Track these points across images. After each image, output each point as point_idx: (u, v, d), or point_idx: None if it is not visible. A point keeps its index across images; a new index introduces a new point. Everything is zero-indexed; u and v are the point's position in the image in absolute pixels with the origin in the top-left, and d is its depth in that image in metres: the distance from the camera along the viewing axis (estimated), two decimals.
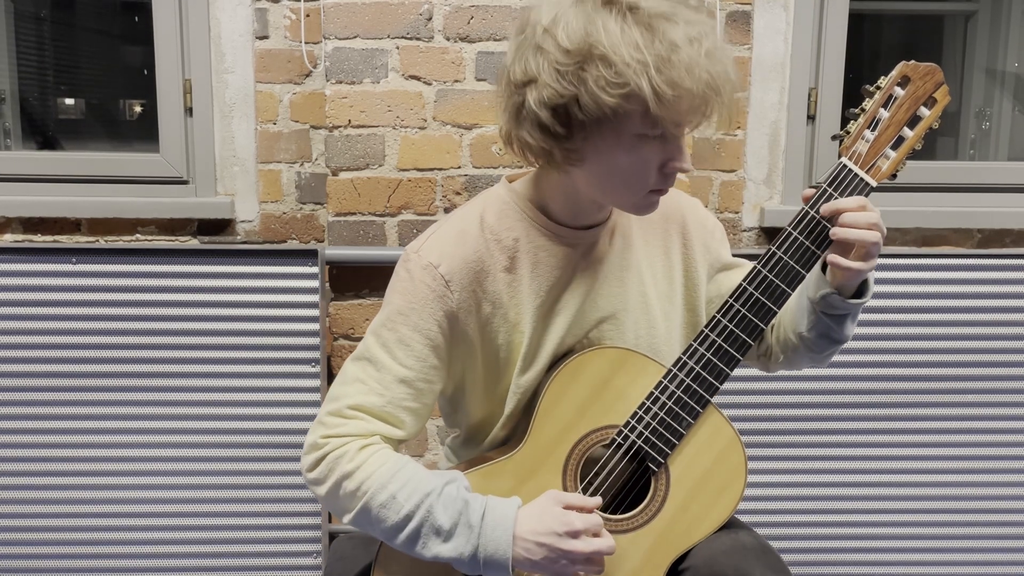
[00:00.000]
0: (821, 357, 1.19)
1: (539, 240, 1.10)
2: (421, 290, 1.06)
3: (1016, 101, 2.24)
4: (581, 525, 1.01)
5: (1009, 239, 2.00)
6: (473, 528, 1.01)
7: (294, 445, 1.85)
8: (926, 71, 1.05)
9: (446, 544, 1.01)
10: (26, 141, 2.19)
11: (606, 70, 0.93)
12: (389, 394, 1.06)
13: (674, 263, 1.18)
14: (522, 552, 1.01)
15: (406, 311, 1.06)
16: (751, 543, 1.10)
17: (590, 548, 1.01)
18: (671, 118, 0.95)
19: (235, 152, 1.94)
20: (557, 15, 0.96)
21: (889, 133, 1.05)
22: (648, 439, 1.08)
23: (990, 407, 1.90)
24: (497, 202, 1.12)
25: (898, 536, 1.93)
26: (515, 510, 1.03)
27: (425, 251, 1.07)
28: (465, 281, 1.07)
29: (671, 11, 0.95)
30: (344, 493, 1.03)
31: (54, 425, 1.84)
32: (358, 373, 1.08)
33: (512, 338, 1.11)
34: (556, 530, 1.00)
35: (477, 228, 1.09)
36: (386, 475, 1.03)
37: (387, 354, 1.07)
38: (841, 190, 1.04)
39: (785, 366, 1.24)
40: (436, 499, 1.02)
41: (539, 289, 1.10)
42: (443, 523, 1.01)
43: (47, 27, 2.26)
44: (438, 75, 1.80)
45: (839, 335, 1.13)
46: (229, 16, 1.89)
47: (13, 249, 1.82)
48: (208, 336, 1.83)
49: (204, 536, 1.87)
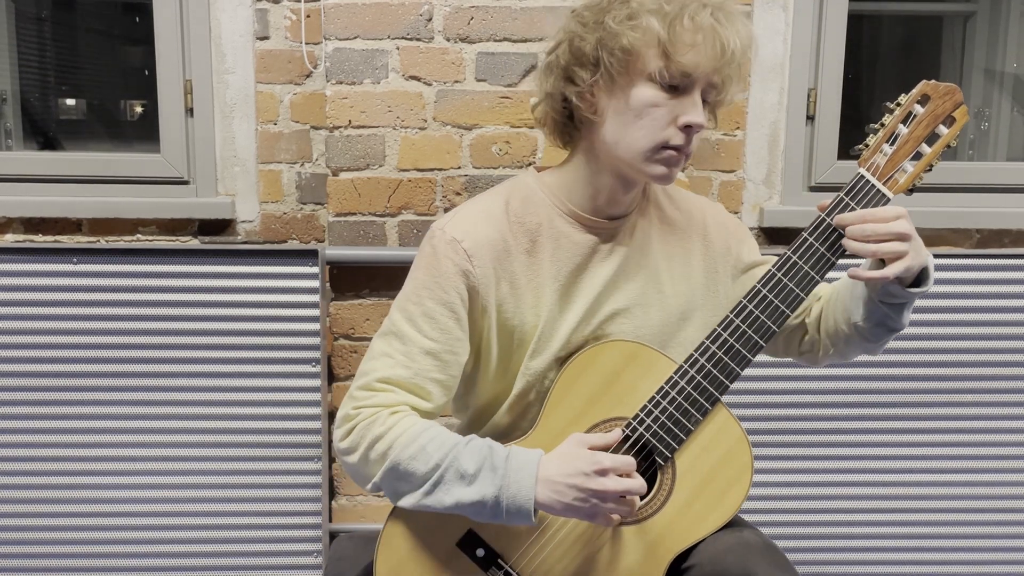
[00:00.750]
0: (875, 346, 1.20)
1: (561, 227, 1.13)
2: (444, 264, 1.09)
3: (1015, 102, 2.24)
4: (609, 463, 1.02)
5: (1008, 239, 2.00)
6: (497, 470, 1.03)
7: (295, 445, 1.85)
8: (946, 91, 1.07)
9: (470, 488, 1.03)
10: (27, 141, 2.19)
11: (622, 8, 1.02)
12: (416, 366, 1.09)
13: (694, 265, 1.19)
14: (550, 494, 1.02)
15: (430, 284, 1.10)
16: (756, 541, 1.10)
17: (621, 486, 1.02)
18: (680, 66, 1.01)
19: (236, 152, 1.94)
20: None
21: (907, 148, 1.07)
22: (656, 433, 1.09)
23: (990, 407, 1.91)
24: (523, 188, 1.16)
25: (901, 535, 1.93)
26: (538, 455, 1.05)
27: (450, 228, 1.11)
28: (487, 258, 1.10)
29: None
30: (375, 455, 1.06)
31: (55, 425, 1.84)
32: (384, 348, 1.11)
33: (526, 319, 1.13)
34: (584, 469, 1.02)
35: (502, 210, 1.13)
36: (416, 431, 1.06)
37: (412, 327, 1.10)
38: (858, 200, 1.06)
39: (836, 358, 1.24)
40: (463, 447, 1.05)
41: (557, 274, 1.13)
42: (468, 467, 1.03)
43: (48, 28, 2.27)
44: (438, 75, 1.80)
45: (896, 323, 1.14)
46: (230, 17, 1.89)
47: (14, 249, 1.82)
48: (209, 336, 1.83)
49: (205, 536, 1.87)
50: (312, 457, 1.86)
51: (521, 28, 1.79)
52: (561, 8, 1.78)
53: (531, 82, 1.79)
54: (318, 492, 1.86)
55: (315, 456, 1.85)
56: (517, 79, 1.80)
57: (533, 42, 1.79)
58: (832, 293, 1.23)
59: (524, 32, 1.79)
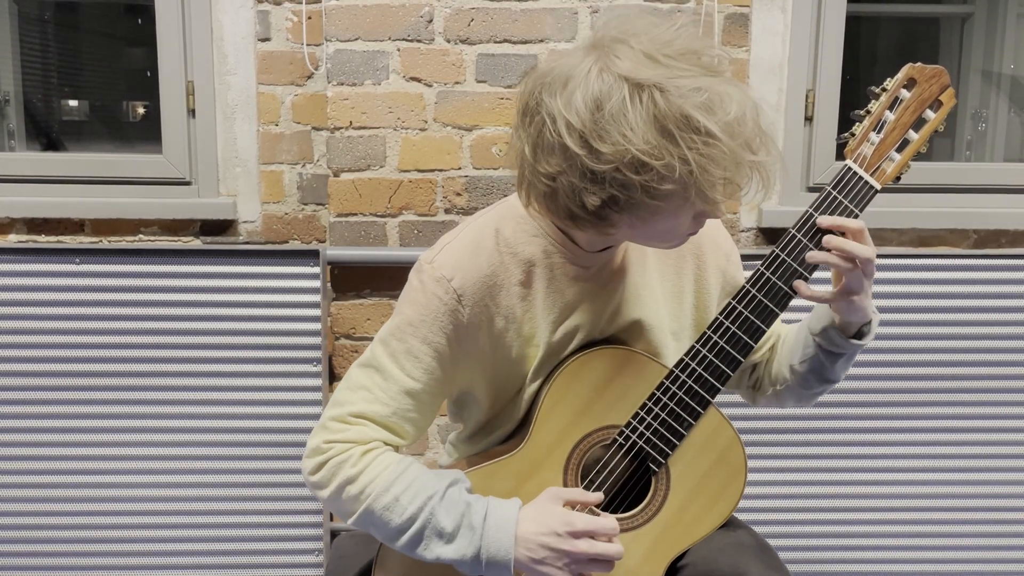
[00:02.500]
0: (808, 395, 1.19)
1: (555, 257, 1.08)
2: (433, 303, 1.05)
3: (1012, 103, 2.25)
4: (582, 525, 1.00)
5: (1005, 239, 2.01)
6: (475, 530, 1.01)
7: (296, 444, 1.86)
8: (932, 73, 1.04)
9: (449, 546, 1.01)
10: (30, 142, 2.20)
11: (646, 174, 0.89)
12: (395, 404, 1.06)
13: (686, 284, 1.17)
14: (526, 553, 1.00)
15: (416, 323, 1.05)
16: (749, 541, 1.11)
17: (594, 550, 1.00)
18: (714, 198, 0.93)
19: (237, 153, 1.95)
20: (574, 102, 0.90)
21: (895, 136, 1.04)
22: (649, 439, 1.08)
23: (986, 406, 1.92)
24: (514, 215, 1.10)
25: (894, 535, 1.94)
26: (516, 511, 1.02)
27: (439, 262, 1.06)
28: (478, 295, 1.06)
29: (704, 91, 0.88)
30: (347, 497, 1.03)
31: (58, 424, 1.85)
32: (364, 380, 1.07)
33: (526, 351, 1.10)
34: (556, 530, 1.00)
35: (493, 241, 1.08)
36: (389, 478, 1.03)
37: (395, 364, 1.06)
38: (846, 193, 1.04)
39: (772, 400, 1.24)
40: (439, 502, 1.02)
41: (553, 305, 1.09)
42: (445, 526, 1.01)
43: (51, 29, 2.27)
44: (439, 77, 1.81)
45: (830, 374, 1.14)
46: (231, 18, 1.90)
47: (18, 249, 1.83)
48: (210, 335, 1.84)
49: (207, 535, 1.88)
50: None
51: (521, 30, 1.80)
52: (560, 10, 1.79)
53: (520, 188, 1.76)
54: None
55: None
56: (517, 80, 1.81)
57: (533, 44, 1.80)
58: (784, 334, 1.23)
59: (524, 34, 1.80)
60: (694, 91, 0.88)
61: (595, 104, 0.89)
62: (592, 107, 0.89)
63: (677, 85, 0.88)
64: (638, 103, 0.88)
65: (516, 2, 1.79)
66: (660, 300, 1.15)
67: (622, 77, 0.89)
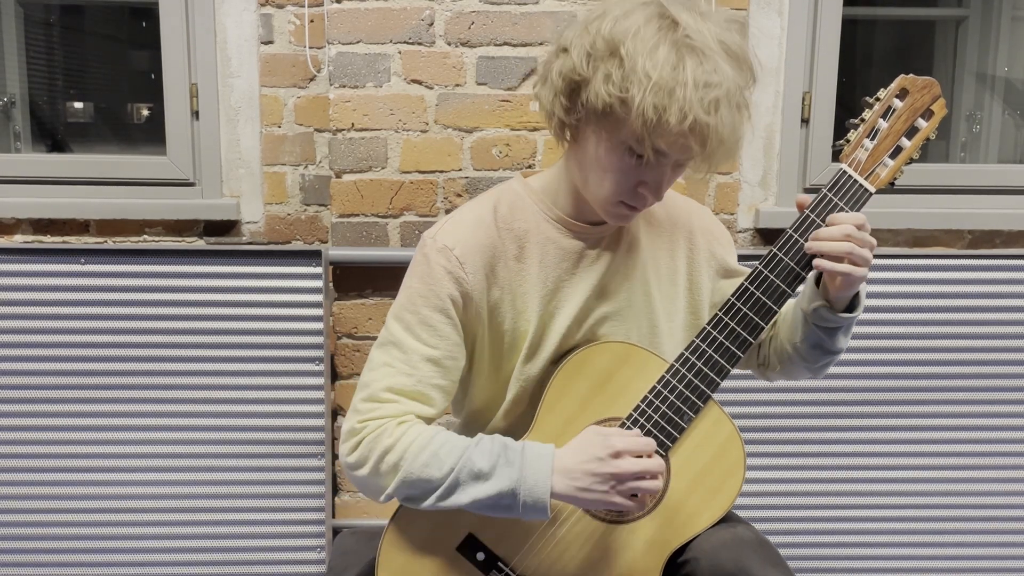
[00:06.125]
0: (816, 367, 1.21)
1: (548, 232, 1.14)
2: (437, 271, 1.10)
3: (1006, 105, 2.26)
4: (622, 444, 1.02)
5: (999, 240, 2.03)
6: (513, 464, 1.04)
7: (298, 442, 1.88)
8: (924, 84, 1.08)
9: (486, 484, 1.04)
10: (35, 144, 2.21)
11: (616, 70, 0.97)
12: (418, 373, 1.10)
13: (679, 266, 1.20)
14: (567, 482, 1.02)
15: (425, 292, 1.11)
16: (750, 537, 1.12)
17: (637, 467, 1.02)
18: (652, 142, 0.98)
19: (240, 155, 1.97)
20: (626, 8, 1.00)
21: (888, 143, 1.08)
22: (650, 432, 1.10)
23: (981, 404, 1.93)
24: (510, 194, 1.17)
25: (893, 531, 1.96)
26: (552, 447, 1.06)
27: (441, 236, 1.12)
28: (479, 264, 1.11)
29: (709, 52, 0.96)
30: (386, 467, 1.06)
31: (63, 423, 1.87)
32: (384, 358, 1.11)
33: (518, 325, 1.14)
34: (597, 454, 1.02)
35: (491, 217, 1.14)
36: (426, 439, 1.06)
37: (411, 335, 1.10)
38: (841, 195, 1.07)
39: (783, 375, 1.27)
40: (475, 448, 1.06)
41: (546, 279, 1.14)
42: (482, 466, 1.04)
43: (56, 32, 2.28)
44: (439, 79, 1.83)
45: (832, 346, 1.16)
46: (235, 21, 1.92)
47: (23, 250, 1.85)
48: (214, 335, 1.86)
49: (210, 532, 1.90)
50: (316, 454, 1.88)
51: (521, 33, 1.81)
52: (560, 13, 1.81)
53: (531, 86, 1.82)
54: (321, 488, 1.89)
55: (319, 453, 1.88)
56: (517, 83, 1.83)
57: (533, 46, 1.82)
58: (783, 312, 1.24)
59: (524, 37, 1.82)
60: (703, 44, 0.95)
61: (636, 5, 1.00)
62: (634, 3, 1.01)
63: (696, 33, 0.96)
64: (656, 23, 0.97)
65: (516, 5, 1.81)
66: (652, 280, 1.18)
67: (664, 6, 0.99)
